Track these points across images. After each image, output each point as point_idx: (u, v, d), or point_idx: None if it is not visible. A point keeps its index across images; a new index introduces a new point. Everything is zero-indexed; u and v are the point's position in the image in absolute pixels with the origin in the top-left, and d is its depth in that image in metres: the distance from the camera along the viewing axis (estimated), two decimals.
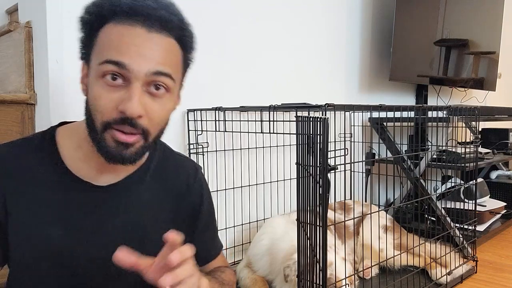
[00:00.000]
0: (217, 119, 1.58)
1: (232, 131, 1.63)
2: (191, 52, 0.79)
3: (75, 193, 0.76)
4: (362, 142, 2.34)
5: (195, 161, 1.59)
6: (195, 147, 1.58)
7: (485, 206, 2.32)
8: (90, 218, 0.77)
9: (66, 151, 0.78)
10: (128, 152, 0.72)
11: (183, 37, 0.76)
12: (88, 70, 0.73)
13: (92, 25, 0.72)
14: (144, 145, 0.74)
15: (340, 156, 1.08)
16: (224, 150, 1.71)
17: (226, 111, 1.56)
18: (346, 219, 1.42)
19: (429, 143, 2.29)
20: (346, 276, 1.27)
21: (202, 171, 0.97)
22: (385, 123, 2.15)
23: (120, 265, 0.63)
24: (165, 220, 0.86)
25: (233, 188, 1.74)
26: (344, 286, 1.23)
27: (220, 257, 1.02)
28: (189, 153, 1.57)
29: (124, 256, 0.63)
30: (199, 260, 0.86)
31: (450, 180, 2.32)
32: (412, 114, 1.54)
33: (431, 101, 2.82)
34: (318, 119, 1.04)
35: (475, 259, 1.77)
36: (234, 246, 1.74)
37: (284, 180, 1.87)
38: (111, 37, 0.70)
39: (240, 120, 1.64)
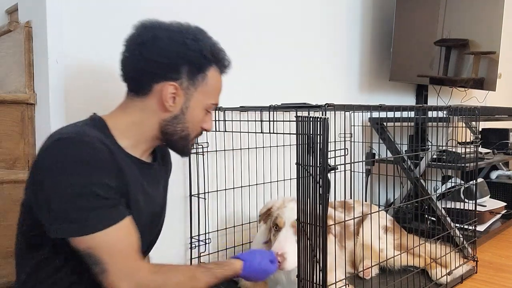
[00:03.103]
0: (217, 119, 1.58)
1: (232, 131, 1.63)
2: None
3: (142, 170, 1.01)
4: (362, 142, 2.34)
5: (196, 161, 1.60)
6: (195, 147, 1.58)
7: (485, 206, 2.32)
8: (151, 187, 1.04)
9: (119, 140, 0.97)
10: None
11: None
12: (185, 93, 0.99)
13: (203, 65, 1.00)
14: None
15: (340, 156, 1.08)
16: (224, 150, 1.71)
17: (226, 111, 1.56)
18: (346, 218, 1.42)
19: (429, 143, 2.29)
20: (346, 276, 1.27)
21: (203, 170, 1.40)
22: (385, 123, 2.15)
23: None
24: (165, 189, 1.18)
25: (233, 188, 1.74)
26: (344, 286, 1.23)
27: None
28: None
29: None
30: None
31: (450, 180, 2.32)
32: (412, 114, 1.54)
33: (431, 101, 2.82)
34: (318, 119, 1.04)
35: (475, 259, 1.77)
36: (234, 246, 1.74)
37: (284, 180, 1.87)
38: (217, 84, 1.05)
39: (240, 120, 1.64)
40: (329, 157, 1.04)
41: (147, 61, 0.96)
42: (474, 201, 1.80)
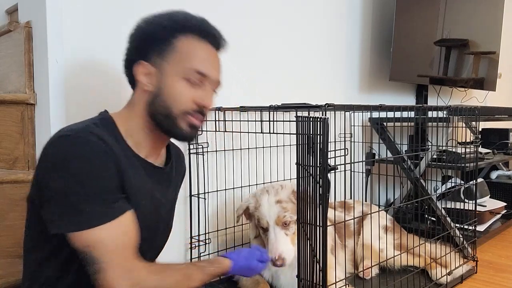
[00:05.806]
0: (217, 119, 1.58)
1: (232, 131, 1.63)
2: None
3: (148, 171, 0.99)
4: (362, 142, 2.34)
5: (196, 161, 1.60)
6: (195, 147, 1.58)
7: (485, 206, 2.32)
8: (159, 190, 1.03)
9: (127, 139, 0.96)
10: (197, 133, 1.04)
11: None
12: (158, 69, 0.96)
13: (166, 36, 0.96)
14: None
15: (340, 156, 1.08)
16: (224, 150, 1.71)
17: (226, 111, 1.55)
18: (346, 218, 1.42)
19: (429, 143, 2.29)
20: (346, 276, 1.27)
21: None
22: (385, 123, 2.15)
23: None
24: (177, 194, 1.19)
25: (233, 188, 1.74)
26: (344, 286, 1.23)
27: None
28: (189, 153, 1.57)
29: None
30: None
31: (450, 180, 2.32)
32: (412, 114, 1.54)
33: (431, 101, 2.82)
34: (318, 119, 1.04)
35: (475, 259, 1.77)
36: (234, 246, 1.74)
37: (284, 180, 1.87)
38: (193, 51, 0.97)
39: (240, 120, 1.64)
40: (329, 157, 1.04)
41: (125, 50, 1.00)
42: (474, 201, 1.80)
